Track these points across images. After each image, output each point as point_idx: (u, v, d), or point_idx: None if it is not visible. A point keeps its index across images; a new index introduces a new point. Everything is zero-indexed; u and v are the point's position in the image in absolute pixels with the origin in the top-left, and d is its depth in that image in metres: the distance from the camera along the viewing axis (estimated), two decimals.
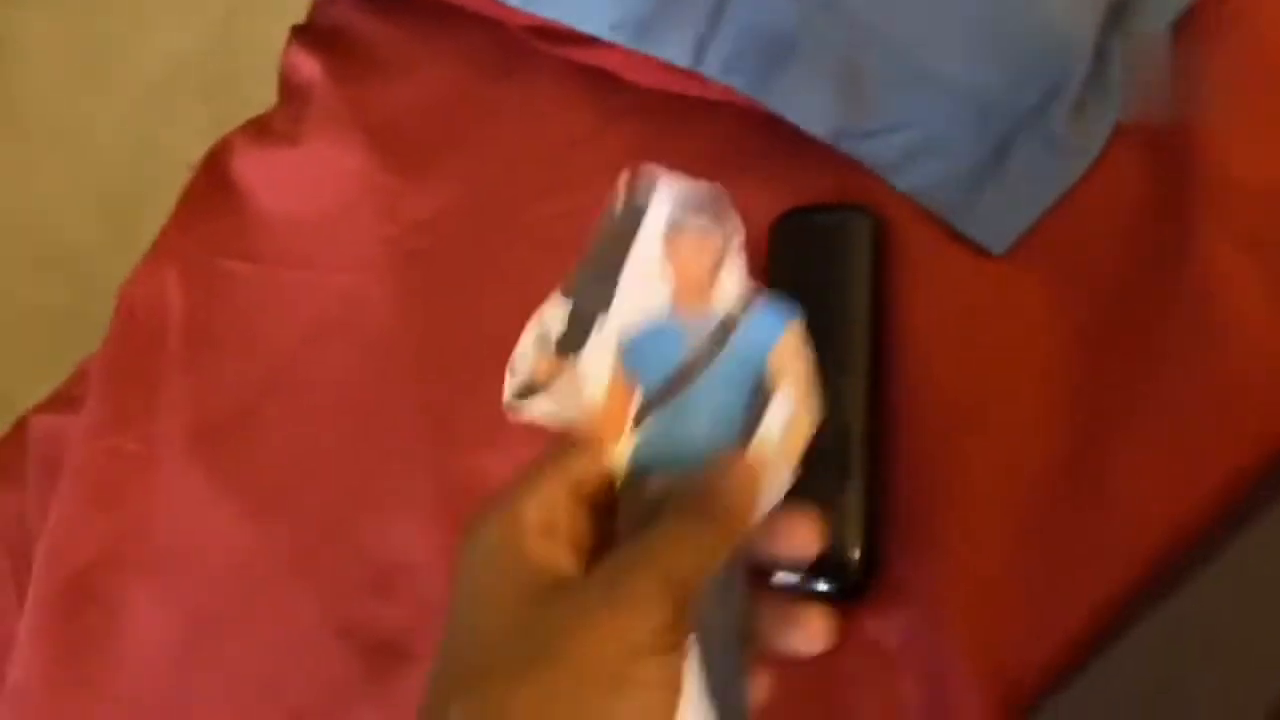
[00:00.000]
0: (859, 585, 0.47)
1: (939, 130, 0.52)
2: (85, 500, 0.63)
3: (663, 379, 0.34)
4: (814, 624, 0.33)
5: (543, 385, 0.34)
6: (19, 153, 1.44)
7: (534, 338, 0.34)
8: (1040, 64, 0.51)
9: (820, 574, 0.46)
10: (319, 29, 0.72)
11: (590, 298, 0.34)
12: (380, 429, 0.59)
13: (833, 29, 0.53)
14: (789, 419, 0.34)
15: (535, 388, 0.34)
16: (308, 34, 0.72)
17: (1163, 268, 0.47)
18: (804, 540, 0.33)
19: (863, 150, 0.53)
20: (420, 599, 0.55)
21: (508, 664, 0.29)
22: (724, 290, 0.35)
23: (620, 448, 0.34)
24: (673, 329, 0.34)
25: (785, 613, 0.33)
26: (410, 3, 0.67)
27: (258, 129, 0.70)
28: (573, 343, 0.34)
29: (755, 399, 0.34)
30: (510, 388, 0.34)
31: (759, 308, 0.34)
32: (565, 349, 0.34)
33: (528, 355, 0.34)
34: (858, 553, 0.46)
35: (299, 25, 0.73)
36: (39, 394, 0.72)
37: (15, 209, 1.41)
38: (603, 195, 0.59)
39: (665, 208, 0.35)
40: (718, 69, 0.54)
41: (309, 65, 0.69)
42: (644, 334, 0.34)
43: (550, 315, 0.34)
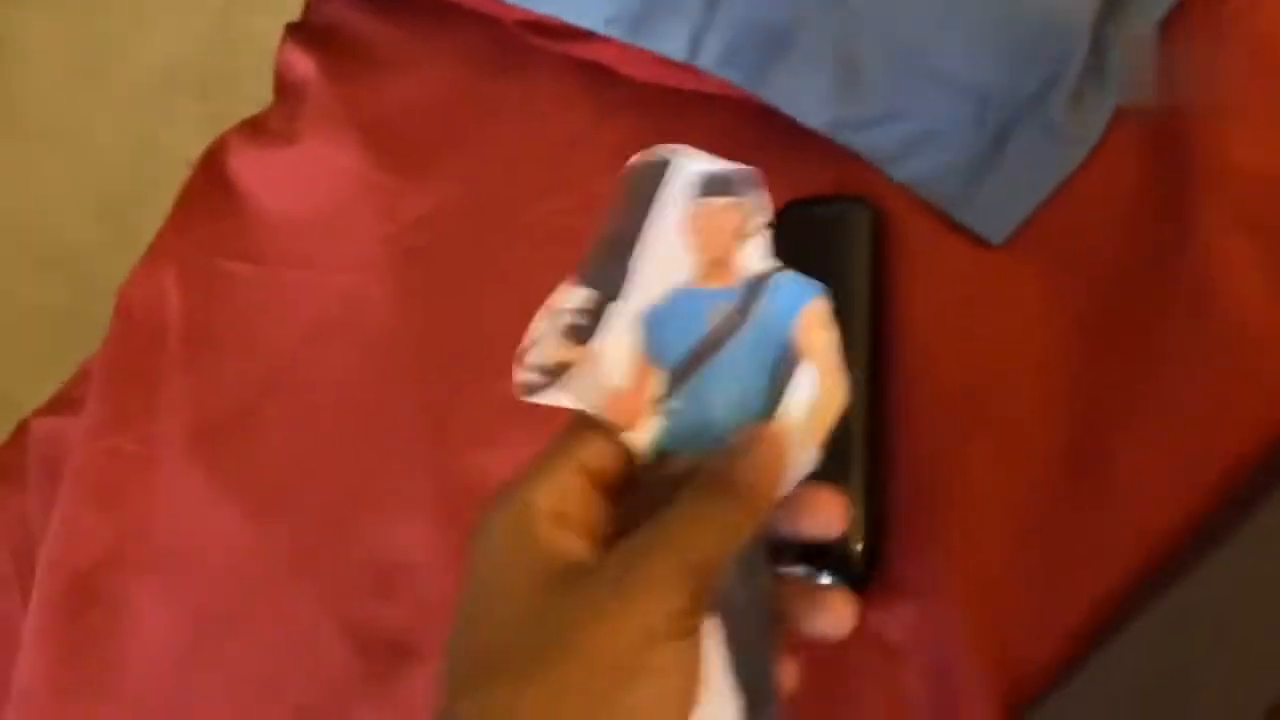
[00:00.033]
0: (862, 578, 0.46)
1: (937, 121, 0.52)
2: (87, 501, 0.64)
3: (684, 354, 0.33)
4: (836, 606, 0.32)
5: (559, 372, 0.33)
6: (18, 152, 1.44)
7: (548, 325, 0.33)
8: (1038, 53, 0.51)
9: (824, 567, 0.46)
10: (314, 27, 0.72)
11: (605, 281, 0.33)
12: (380, 428, 0.59)
13: (828, 20, 0.53)
14: (814, 394, 0.33)
15: (551, 375, 0.33)
16: (302, 32, 0.71)
17: (1162, 255, 0.47)
18: (828, 518, 0.32)
19: (860, 141, 0.52)
20: (421, 598, 0.55)
21: (518, 656, 0.28)
22: (747, 264, 0.34)
23: (642, 429, 0.33)
24: (694, 302, 0.33)
25: (807, 595, 0.32)
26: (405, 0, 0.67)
27: (254, 128, 0.70)
28: (589, 328, 0.33)
29: (778, 373, 0.33)
30: (523, 376, 0.32)
31: (783, 281, 0.34)
32: (582, 334, 0.33)
33: (542, 343, 0.33)
34: (860, 546, 0.46)
35: (294, 23, 0.72)
36: (39, 394, 0.72)
37: (14, 209, 1.41)
38: (600, 190, 0.59)
39: (684, 182, 0.34)
40: (713, 62, 0.54)
41: (304, 63, 0.69)
42: (665, 308, 0.33)
43: (565, 301, 0.33)
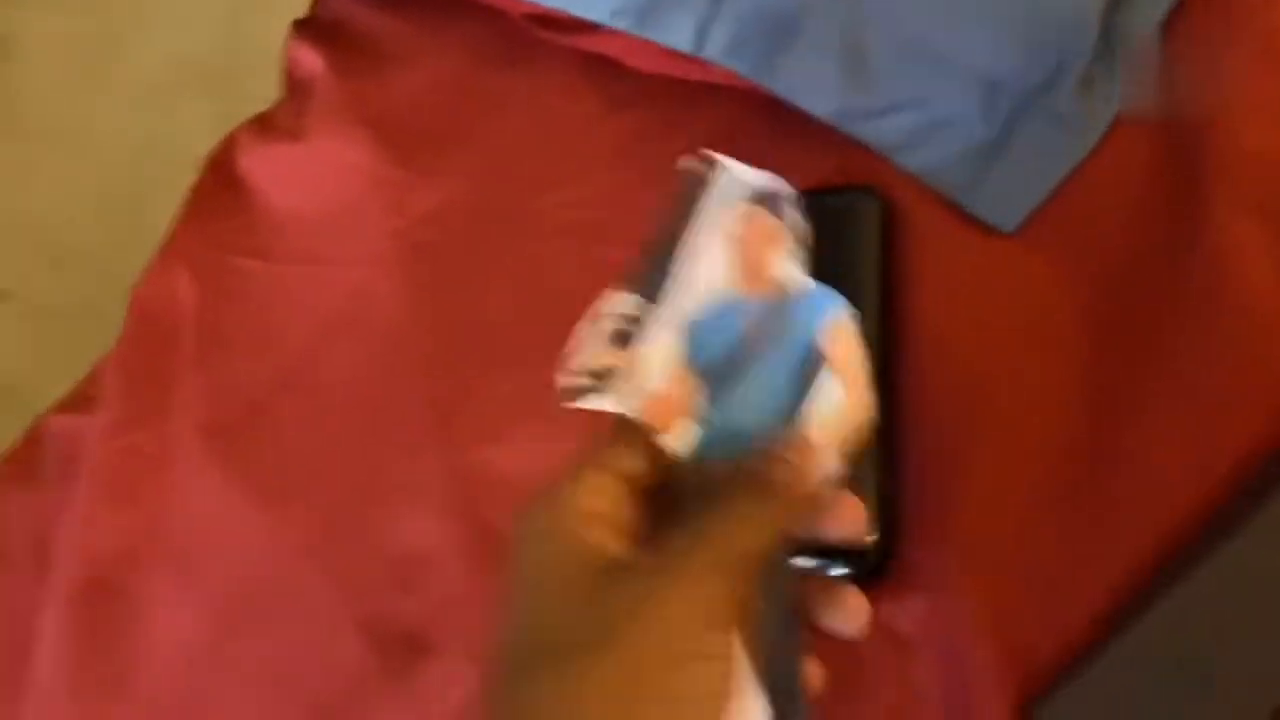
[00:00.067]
0: (875, 569, 0.46)
1: (945, 109, 0.52)
2: (103, 499, 0.64)
3: (719, 362, 0.35)
4: (851, 603, 0.33)
5: (604, 377, 0.34)
6: (26, 151, 1.44)
7: (593, 330, 0.34)
8: (1048, 41, 0.51)
9: (836, 558, 0.46)
10: (320, 22, 0.72)
11: (650, 286, 0.35)
12: (391, 423, 0.59)
13: (835, 9, 0.53)
14: (838, 403, 0.34)
15: (595, 380, 0.34)
16: (309, 28, 0.71)
17: (1173, 243, 0.47)
18: (850, 523, 0.34)
19: (868, 131, 0.52)
20: (435, 591, 0.55)
21: (576, 644, 0.30)
22: (781, 277, 0.35)
23: (680, 433, 0.34)
24: (731, 311, 0.35)
25: (822, 593, 0.34)
26: None
27: (262, 125, 0.70)
28: (633, 333, 0.34)
29: (806, 384, 0.34)
30: (568, 380, 0.34)
31: (814, 296, 0.35)
32: (625, 340, 0.34)
33: (587, 348, 0.34)
34: (873, 537, 0.46)
35: (300, 19, 0.72)
36: (50, 392, 0.73)
37: (22, 208, 1.42)
38: (607, 183, 0.59)
39: (726, 193, 0.35)
40: (720, 53, 0.54)
41: (311, 59, 0.69)
42: (704, 316, 0.35)
43: (610, 307, 0.34)
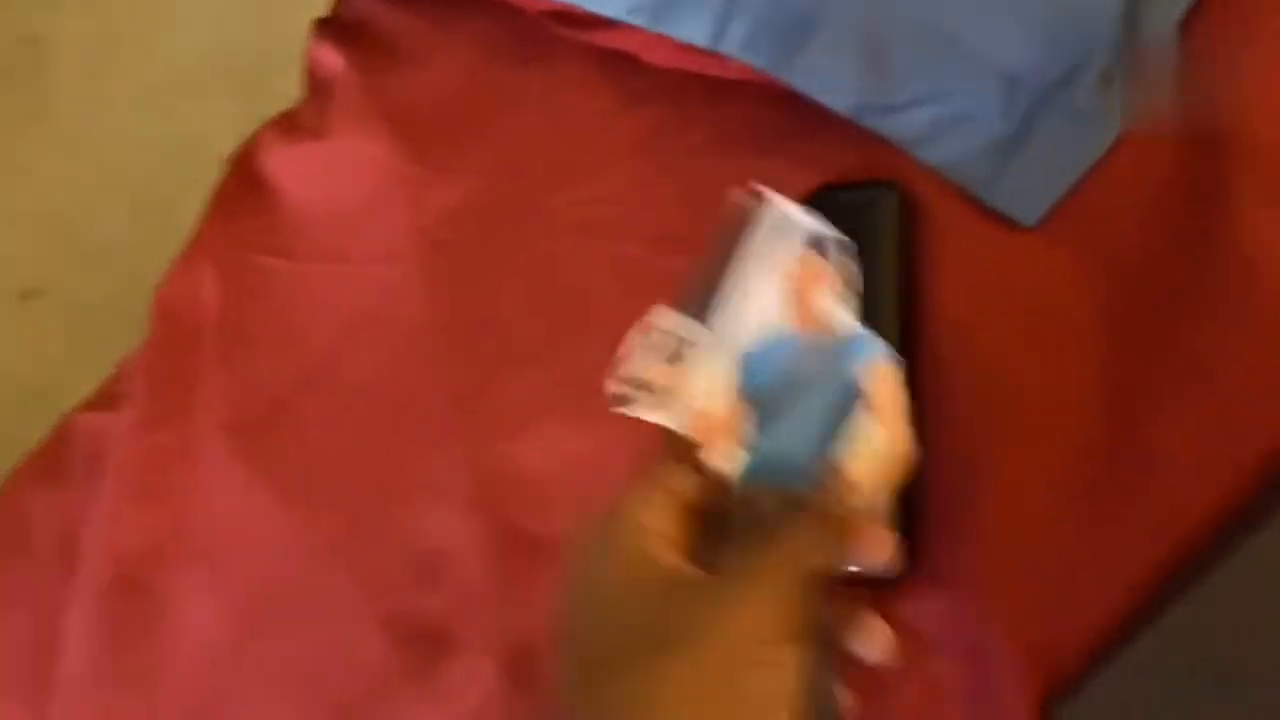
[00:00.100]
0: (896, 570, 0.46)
1: (965, 103, 0.51)
2: (130, 497, 0.64)
3: (768, 393, 0.37)
4: (877, 630, 0.36)
5: (649, 388, 0.36)
6: (54, 150, 1.46)
7: (642, 342, 0.36)
8: (1068, 35, 0.50)
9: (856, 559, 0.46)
10: (342, 22, 0.72)
11: (699, 308, 0.37)
12: (413, 419, 0.59)
13: (854, 3, 0.52)
14: (877, 443, 0.36)
15: (642, 390, 0.36)
16: (331, 27, 0.72)
17: (1195, 237, 0.46)
18: (881, 550, 0.36)
19: (887, 125, 0.52)
20: (458, 587, 0.55)
21: (651, 646, 0.32)
22: (831, 318, 0.37)
23: (726, 457, 0.36)
24: (783, 346, 0.37)
25: (850, 618, 0.36)
26: None
27: (285, 124, 0.71)
28: (684, 352, 0.36)
29: (848, 422, 0.36)
30: (616, 388, 0.36)
31: (860, 339, 0.37)
32: (676, 358, 0.36)
33: (635, 358, 0.36)
34: (895, 536, 0.46)
35: (322, 18, 0.73)
36: (79, 389, 0.73)
37: (51, 206, 1.43)
38: (624, 178, 0.59)
39: (776, 229, 0.37)
40: (737, 47, 0.53)
41: (333, 58, 0.69)
42: (755, 348, 0.37)
43: (662, 324, 0.36)
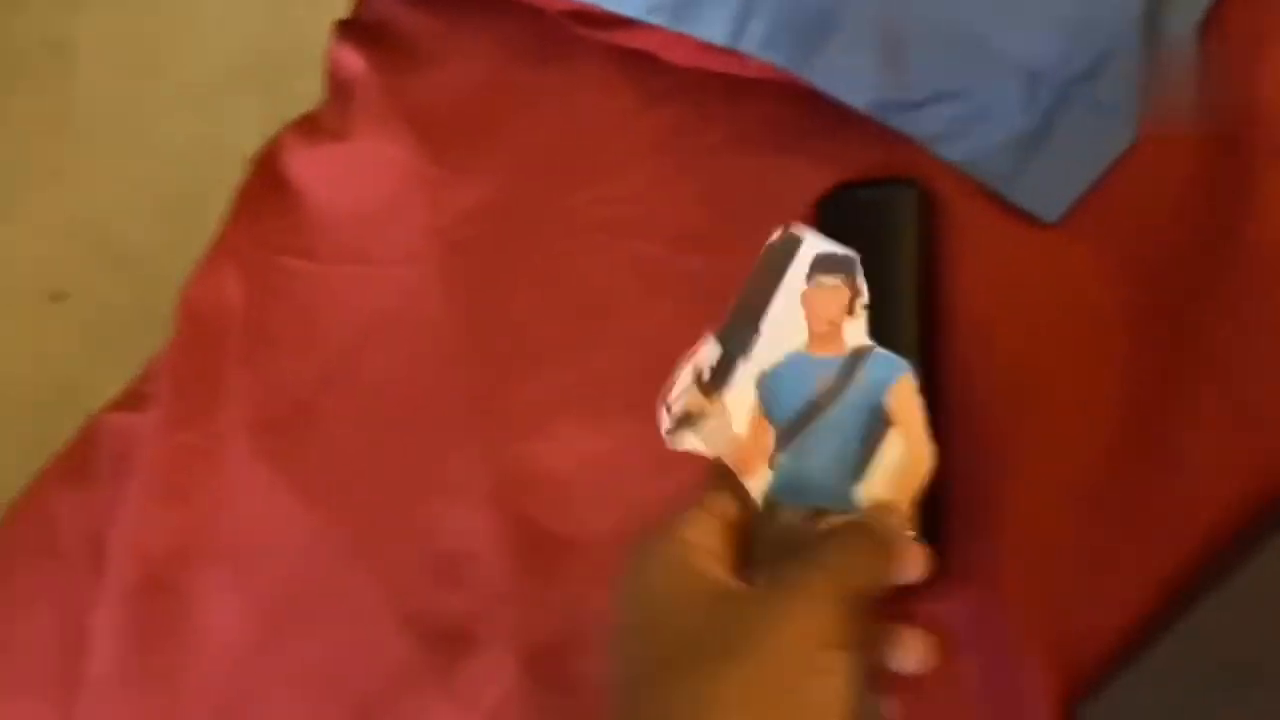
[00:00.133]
0: None
1: (986, 99, 0.51)
2: (156, 497, 0.65)
3: (793, 414, 0.38)
4: (915, 646, 0.37)
5: (695, 419, 0.38)
6: (81, 153, 1.47)
7: (688, 375, 0.38)
8: (1090, 28, 0.50)
9: None
10: (363, 23, 0.72)
11: (737, 340, 0.39)
12: (434, 419, 0.60)
13: (873, 0, 0.52)
14: (901, 459, 0.37)
15: (689, 422, 0.38)
16: (351, 28, 0.72)
17: (1219, 233, 0.46)
18: (917, 566, 0.37)
19: (907, 122, 0.52)
20: (480, 586, 0.55)
21: (707, 655, 0.33)
22: (850, 338, 0.38)
23: (758, 482, 0.38)
24: (805, 368, 0.38)
25: (889, 633, 0.37)
26: None
27: (307, 126, 0.71)
28: (720, 381, 0.38)
29: (871, 438, 0.37)
30: (667, 421, 0.38)
31: (879, 356, 0.38)
32: (714, 386, 0.38)
33: (683, 392, 0.38)
34: (915, 533, 0.46)
35: (343, 20, 0.73)
36: (106, 390, 0.74)
37: (78, 209, 1.45)
38: (644, 177, 0.59)
39: (806, 263, 0.39)
40: (757, 46, 0.53)
41: (353, 60, 0.70)
42: (780, 370, 0.39)
43: (703, 355, 0.39)
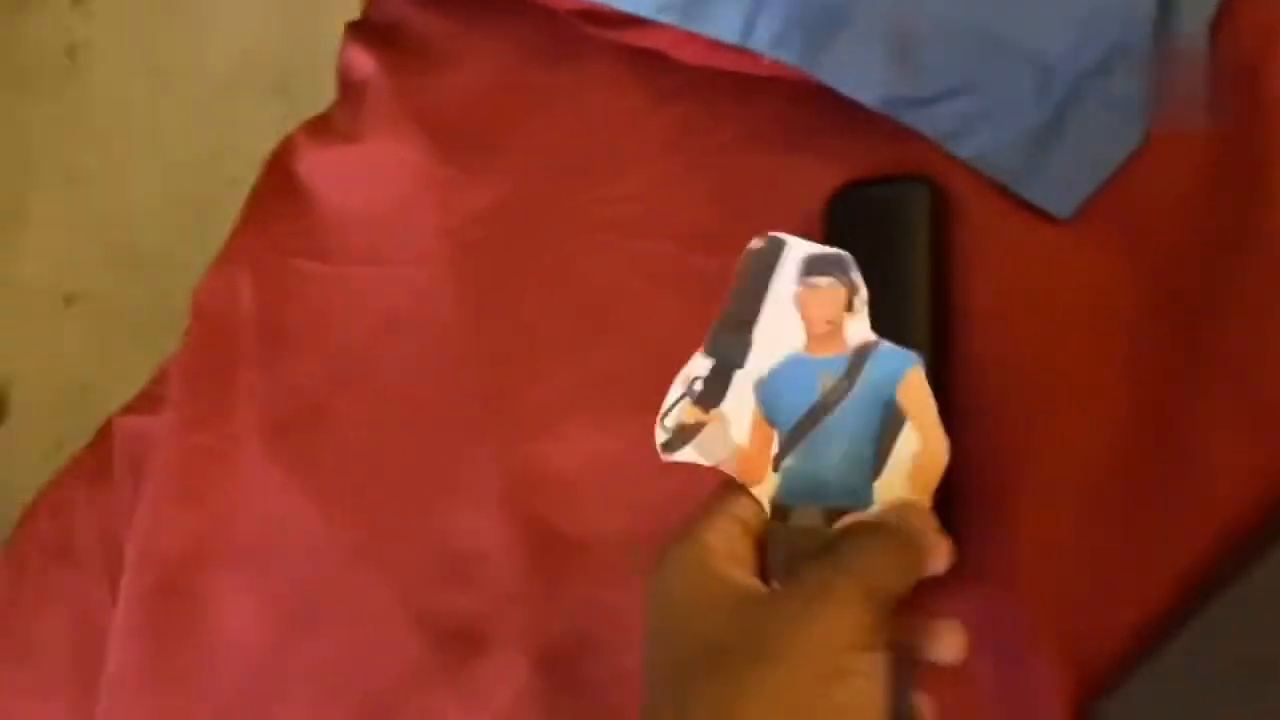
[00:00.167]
0: None
1: (999, 95, 0.51)
2: (171, 498, 0.65)
3: (798, 417, 0.38)
4: (950, 637, 0.36)
5: (691, 434, 0.38)
6: (97, 155, 1.48)
7: (679, 389, 0.38)
8: (1102, 21, 0.49)
9: None
10: (374, 25, 0.72)
11: (728, 350, 0.38)
12: (447, 419, 0.60)
13: None
14: (917, 453, 0.37)
15: (685, 436, 0.38)
16: (363, 30, 0.72)
17: (1233, 231, 0.45)
18: (942, 560, 0.37)
19: (919, 119, 0.51)
20: (491, 586, 0.55)
21: (734, 659, 0.33)
22: (852, 336, 0.38)
23: (765, 487, 0.38)
24: (806, 370, 0.38)
25: (923, 626, 0.36)
26: None
27: (318, 128, 0.71)
28: (715, 393, 0.38)
29: (884, 434, 0.37)
30: (662, 436, 0.38)
31: (885, 350, 0.38)
32: (709, 399, 0.38)
33: (676, 407, 0.38)
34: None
35: (354, 22, 0.73)
36: (121, 392, 0.75)
37: (95, 212, 1.46)
38: (654, 176, 0.59)
39: (794, 266, 0.39)
40: (767, 43, 0.53)
41: (365, 61, 0.70)
42: (780, 375, 0.38)
43: (694, 369, 0.38)
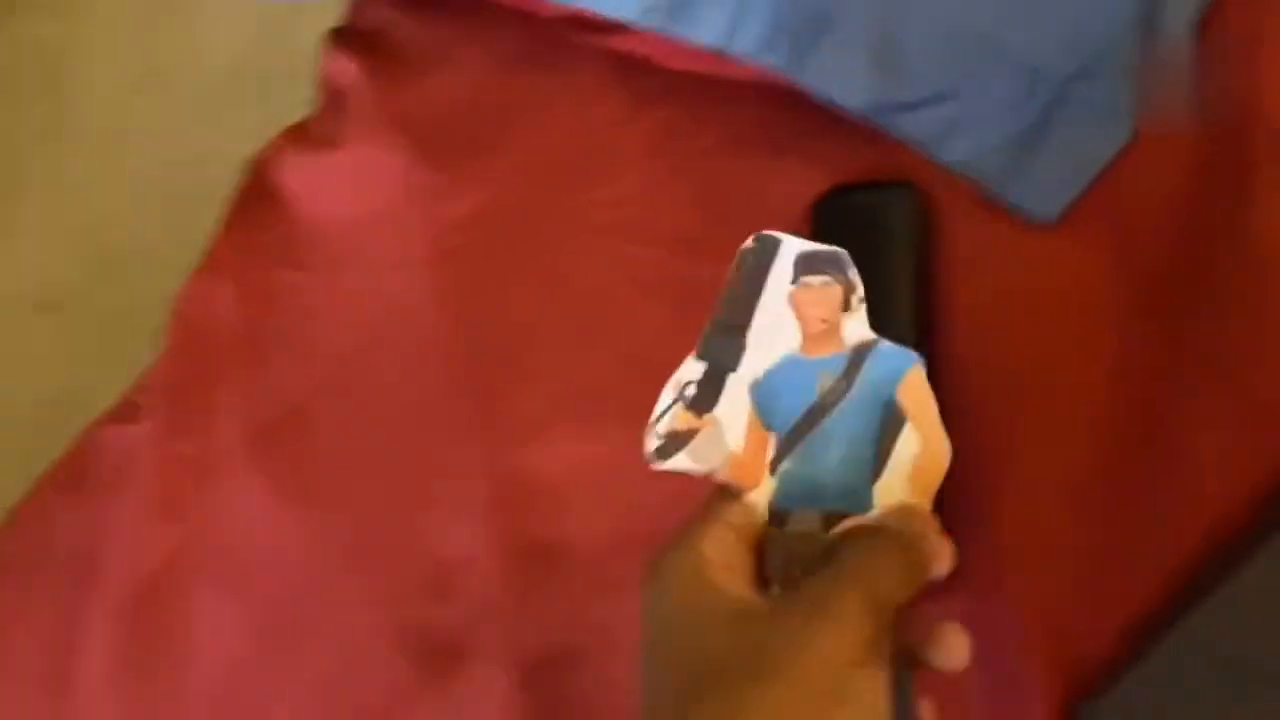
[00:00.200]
0: None
1: (983, 99, 0.51)
2: (151, 510, 0.65)
3: (795, 419, 0.37)
4: (954, 642, 0.35)
5: (684, 440, 0.37)
6: (76, 163, 1.47)
7: (670, 394, 0.37)
8: (1086, 26, 0.50)
9: None
10: (356, 31, 0.72)
11: (721, 353, 0.37)
12: (431, 428, 0.59)
13: (867, 1, 0.52)
14: (918, 454, 0.36)
15: (677, 443, 0.37)
16: (345, 36, 0.72)
17: (1218, 231, 0.45)
18: (945, 562, 0.36)
19: (903, 124, 0.51)
20: (475, 597, 0.55)
21: (731, 676, 0.32)
22: (849, 335, 0.37)
23: (761, 491, 0.37)
24: (803, 371, 0.37)
25: (925, 632, 0.35)
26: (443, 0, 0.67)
27: (299, 134, 0.71)
28: (708, 398, 0.37)
29: (884, 435, 0.36)
30: (652, 443, 0.37)
31: (884, 350, 0.37)
32: (701, 405, 0.37)
33: (667, 414, 0.37)
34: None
35: (336, 28, 0.73)
36: (101, 401, 0.74)
37: (75, 218, 1.44)
38: (638, 181, 0.59)
39: (788, 264, 0.37)
40: (750, 48, 0.53)
41: (347, 67, 0.69)
42: (776, 377, 0.37)
43: (685, 374, 0.37)
